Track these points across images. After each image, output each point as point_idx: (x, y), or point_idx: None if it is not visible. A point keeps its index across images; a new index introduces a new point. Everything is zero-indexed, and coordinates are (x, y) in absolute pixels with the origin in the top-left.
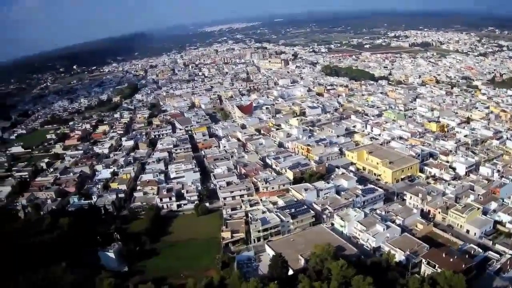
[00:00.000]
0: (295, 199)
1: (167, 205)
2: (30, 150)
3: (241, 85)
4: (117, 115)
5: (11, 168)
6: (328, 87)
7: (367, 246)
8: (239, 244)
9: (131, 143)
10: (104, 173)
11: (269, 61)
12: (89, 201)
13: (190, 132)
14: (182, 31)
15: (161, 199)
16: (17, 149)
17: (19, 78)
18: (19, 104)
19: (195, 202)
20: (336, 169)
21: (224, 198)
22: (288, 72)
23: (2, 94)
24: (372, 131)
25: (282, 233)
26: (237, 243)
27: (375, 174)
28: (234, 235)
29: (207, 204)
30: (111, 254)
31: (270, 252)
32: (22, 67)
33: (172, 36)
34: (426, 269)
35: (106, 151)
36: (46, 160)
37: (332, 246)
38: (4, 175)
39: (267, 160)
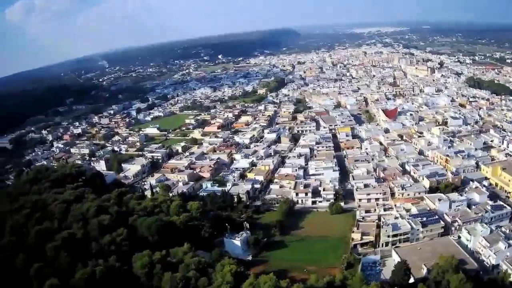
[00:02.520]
0: (428, 208)
1: (302, 200)
2: (165, 132)
3: (388, 89)
4: (261, 107)
5: (143, 148)
6: (471, 99)
7: (487, 263)
8: (367, 247)
9: (273, 136)
10: (242, 162)
11: (416, 68)
12: (222, 188)
13: (333, 131)
14: (331, 30)
15: (297, 194)
16: (152, 130)
17: (160, 62)
18: (158, 87)
19: (331, 201)
20: (471, 182)
21: (360, 200)
22: (433, 80)
23: (140, 76)
24: (507, 147)
25: (410, 241)
26: (365, 245)
27: (505, 191)
28: (364, 237)
29: (342, 204)
30: (237, 242)
31: (395, 258)
32: (163, 52)
33: (321, 35)
34: None
35: (246, 141)
36: (182, 144)
37: (456, 259)
38: (136, 154)
39: (406, 167)
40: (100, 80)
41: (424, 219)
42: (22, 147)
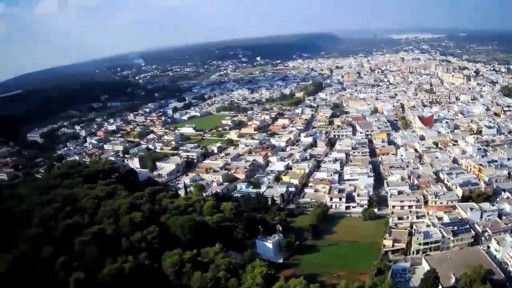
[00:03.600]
0: (460, 217)
1: (336, 205)
2: (201, 132)
3: (424, 96)
4: (298, 111)
5: (178, 147)
6: (505, 108)
7: None
8: (398, 254)
9: (309, 139)
10: (278, 165)
11: (453, 75)
12: (257, 190)
13: (369, 136)
14: (369, 35)
15: (331, 199)
16: (187, 130)
17: (197, 62)
18: (195, 87)
19: (364, 206)
20: (502, 192)
21: (393, 207)
22: (469, 88)
23: (177, 76)
24: None
25: (440, 249)
26: (396, 252)
27: None
28: (395, 244)
29: (375, 210)
30: (269, 244)
31: (425, 266)
32: (201, 52)
33: (359, 39)
34: None
35: (283, 144)
36: (218, 144)
37: (484, 269)
38: (170, 153)
39: (440, 175)
40: (136, 78)
41: (455, 228)
42: (53, 142)
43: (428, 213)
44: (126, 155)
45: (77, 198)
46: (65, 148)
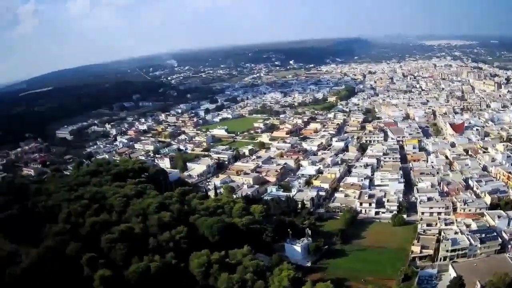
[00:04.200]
0: (488, 225)
1: (365, 210)
2: (233, 134)
3: (456, 103)
4: (330, 115)
5: (209, 148)
6: None
7: None
8: (426, 260)
9: (341, 144)
10: (309, 169)
11: (484, 82)
12: (287, 193)
13: (401, 142)
14: (402, 41)
15: (361, 204)
16: (219, 131)
17: (230, 65)
18: (228, 89)
19: (393, 212)
20: None
21: (422, 213)
22: (500, 95)
23: (210, 77)
24: None
25: (467, 256)
26: (424, 258)
27: None
28: (423, 250)
29: (405, 216)
30: (297, 248)
31: (452, 273)
32: (234, 55)
33: (392, 45)
34: None
35: (314, 148)
36: (250, 147)
37: (509, 277)
38: (202, 154)
39: (470, 182)
40: (169, 78)
41: (483, 235)
42: (83, 139)
43: (456, 220)
44: (157, 155)
45: (105, 196)
46: (95, 146)
